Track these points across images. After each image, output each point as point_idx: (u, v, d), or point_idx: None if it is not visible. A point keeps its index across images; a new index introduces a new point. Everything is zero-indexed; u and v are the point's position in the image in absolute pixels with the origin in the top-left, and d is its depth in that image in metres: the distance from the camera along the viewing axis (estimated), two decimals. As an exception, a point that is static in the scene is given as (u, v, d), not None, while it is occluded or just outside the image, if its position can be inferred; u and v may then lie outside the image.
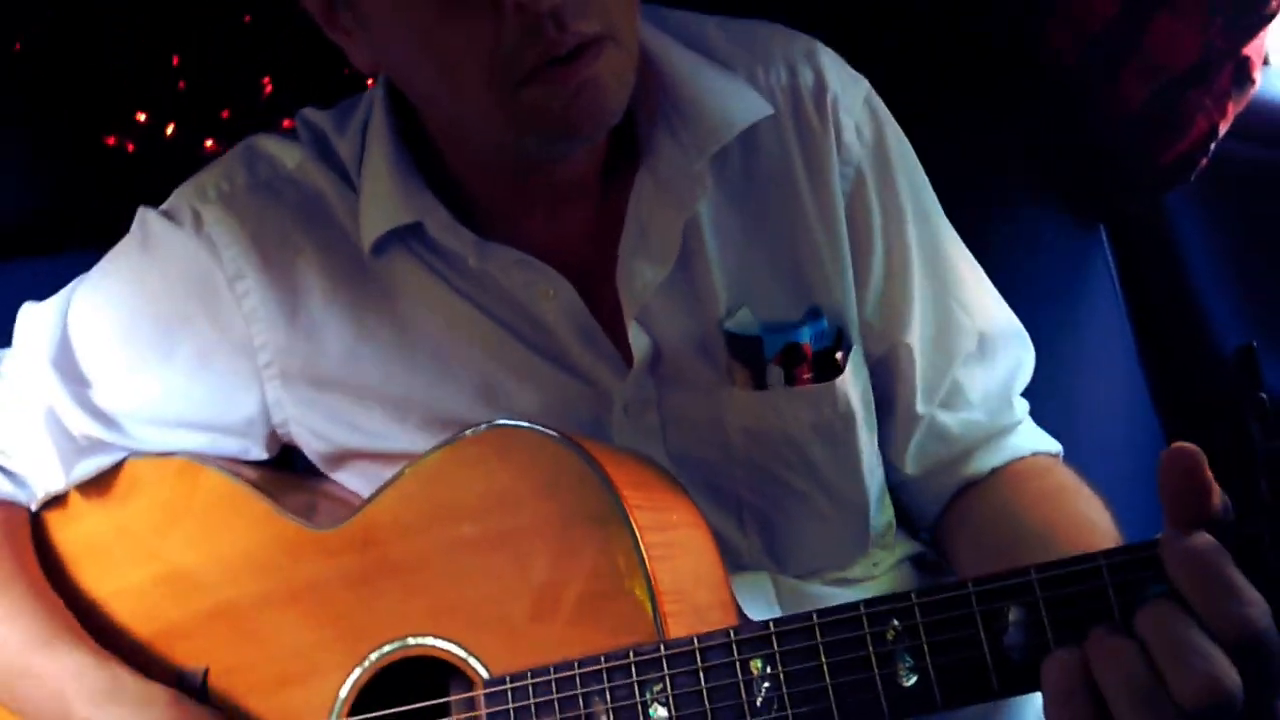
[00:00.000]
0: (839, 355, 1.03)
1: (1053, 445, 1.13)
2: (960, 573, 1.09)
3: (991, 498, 1.08)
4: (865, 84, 1.08)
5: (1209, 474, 0.64)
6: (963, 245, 1.11)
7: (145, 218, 1.07)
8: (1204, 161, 1.37)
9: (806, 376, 1.02)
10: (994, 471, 1.09)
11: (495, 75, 0.88)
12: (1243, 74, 1.26)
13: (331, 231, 1.04)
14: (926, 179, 1.10)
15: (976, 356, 1.09)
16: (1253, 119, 1.33)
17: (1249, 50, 1.23)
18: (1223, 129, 1.32)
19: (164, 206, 1.07)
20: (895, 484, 1.12)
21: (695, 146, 0.99)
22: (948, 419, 1.08)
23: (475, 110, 0.92)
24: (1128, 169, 1.48)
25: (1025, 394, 1.15)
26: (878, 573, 1.09)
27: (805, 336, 1.02)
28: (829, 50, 1.08)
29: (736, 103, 1.00)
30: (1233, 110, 1.30)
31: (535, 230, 1.02)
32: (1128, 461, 1.54)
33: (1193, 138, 1.35)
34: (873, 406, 1.07)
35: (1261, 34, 1.21)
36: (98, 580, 1.06)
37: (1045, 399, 1.45)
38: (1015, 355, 1.12)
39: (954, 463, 1.09)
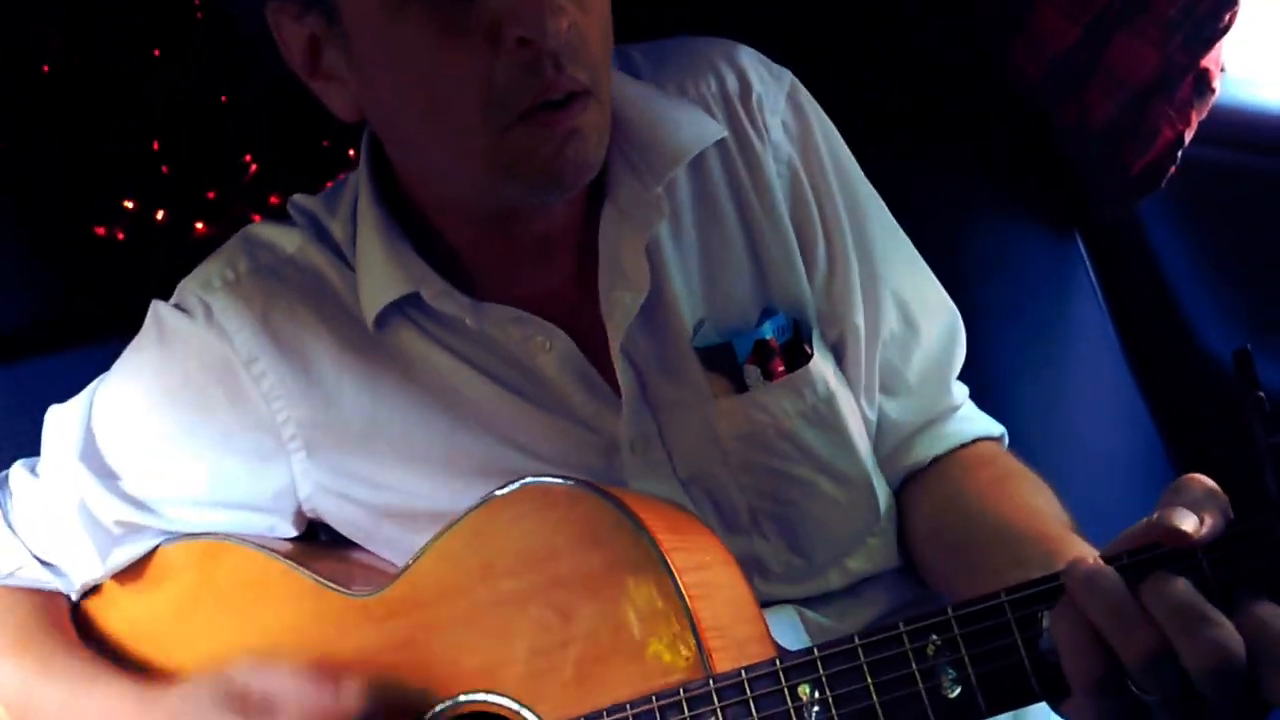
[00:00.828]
0: (804, 344, 1.06)
1: (995, 428, 1.15)
2: (918, 564, 1.12)
3: (938, 488, 1.11)
4: (788, 77, 1.11)
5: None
6: (891, 220, 1.14)
7: (158, 311, 1.10)
8: (1173, 169, 1.41)
9: (781, 369, 1.05)
10: (937, 460, 1.12)
11: (487, 112, 0.90)
12: (1203, 84, 1.31)
13: (335, 309, 1.07)
14: (853, 159, 1.13)
15: (903, 331, 1.11)
16: (1216, 125, 1.38)
17: (1207, 62, 1.28)
18: (1188, 137, 1.37)
19: (174, 300, 1.10)
20: None
21: (651, 175, 1.02)
22: (889, 406, 1.11)
23: (460, 152, 0.94)
24: (1099, 180, 1.52)
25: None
26: (899, 560, 1.11)
27: (768, 333, 1.05)
28: (749, 50, 1.11)
29: (686, 128, 1.04)
30: (1196, 118, 1.35)
31: (524, 283, 1.05)
32: (1125, 464, 1.58)
33: (1159, 147, 1.40)
34: (845, 382, 1.09)
35: (1218, 46, 1.26)
36: (141, 667, 1.07)
37: (1034, 406, 1.50)
38: (945, 330, 1.13)
39: (896, 451, 1.12)
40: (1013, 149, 1.62)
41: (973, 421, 1.14)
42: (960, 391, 1.15)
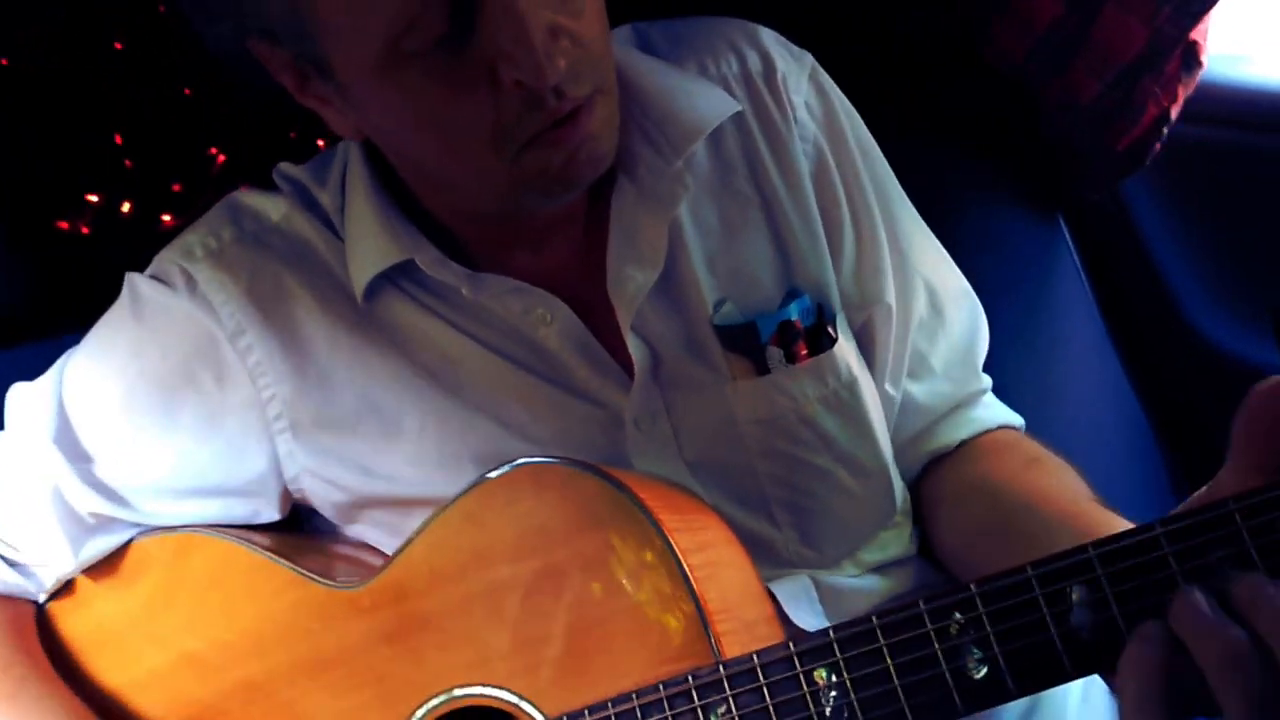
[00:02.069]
0: (829, 328, 1.04)
1: (1016, 419, 1.15)
2: (940, 548, 1.10)
3: (966, 471, 1.10)
4: (809, 59, 1.10)
5: None
6: (911, 206, 1.13)
7: (134, 283, 1.05)
8: (1158, 146, 1.40)
9: (804, 353, 1.03)
10: (962, 444, 1.11)
11: (498, 144, 0.89)
12: (1191, 57, 1.29)
13: (325, 279, 1.03)
14: (875, 143, 1.12)
15: (931, 318, 1.10)
16: (1200, 102, 1.37)
17: (1196, 34, 1.26)
18: (1174, 113, 1.35)
19: (151, 270, 1.06)
20: None
21: (671, 149, 1.00)
22: (915, 389, 1.10)
23: (474, 172, 0.93)
24: (1083, 159, 1.51)
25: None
26: (915, 548, 1.09)
27: (794, 314, 1.03)
28: (769, 30, 1.09)
29: (704, 101, 1.02)
30: (1183, 94, 1.34)
31: (524, 259, 1.03)
32: (1111, 442, 1.57)
33: (1145, 124, 1.38)
34: (867, 370, 1.08)
35: (1206, 18, 1.24)
36: (115, 669, 1.04)
37: (1022, 389, 1.48)
38: (969, 316, 1.13)
39: (921, 435, 1.11)
40: (995, 131, 1.60)
41: (997, 408, 1.14)
42: (985, 378, 1.14)
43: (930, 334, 1.10)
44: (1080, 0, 1.34)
